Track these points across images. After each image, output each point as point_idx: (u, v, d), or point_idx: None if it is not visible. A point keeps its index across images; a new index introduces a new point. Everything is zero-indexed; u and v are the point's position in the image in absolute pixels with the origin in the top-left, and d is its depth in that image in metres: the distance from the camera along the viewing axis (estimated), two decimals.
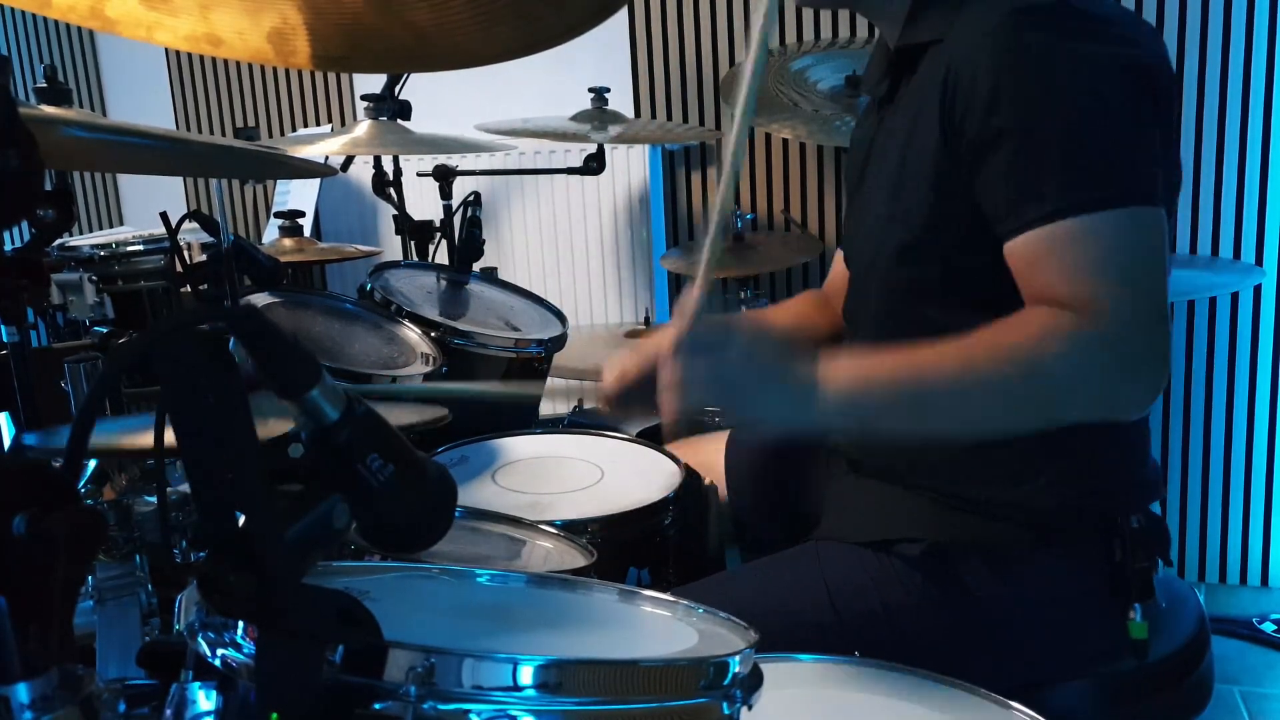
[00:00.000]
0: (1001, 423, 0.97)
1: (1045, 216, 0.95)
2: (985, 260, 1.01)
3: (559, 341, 1.90)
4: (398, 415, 1.24)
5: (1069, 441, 1.04)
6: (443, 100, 2.52)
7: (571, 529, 1.23)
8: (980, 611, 1.08)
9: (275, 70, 3.17)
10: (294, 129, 3.19)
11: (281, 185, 2.98)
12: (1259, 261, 2.42)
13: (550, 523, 1.24)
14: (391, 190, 2.29)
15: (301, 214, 2.53)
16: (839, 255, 1.43)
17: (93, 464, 1.08)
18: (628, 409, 1.17)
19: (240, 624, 0.55)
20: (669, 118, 2.80)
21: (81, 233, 3.05)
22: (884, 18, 1.15)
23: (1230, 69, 2.36)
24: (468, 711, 0.55)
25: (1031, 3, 0.98)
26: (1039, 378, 0.93)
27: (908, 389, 0.96)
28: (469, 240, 2.04)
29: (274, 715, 0.51)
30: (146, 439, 0.68)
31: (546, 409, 2.38)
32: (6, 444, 1.42)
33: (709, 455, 1.51)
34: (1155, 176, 0.97)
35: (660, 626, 0.76)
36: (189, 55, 3.19)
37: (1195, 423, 2.53)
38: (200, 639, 0.56)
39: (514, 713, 0.55)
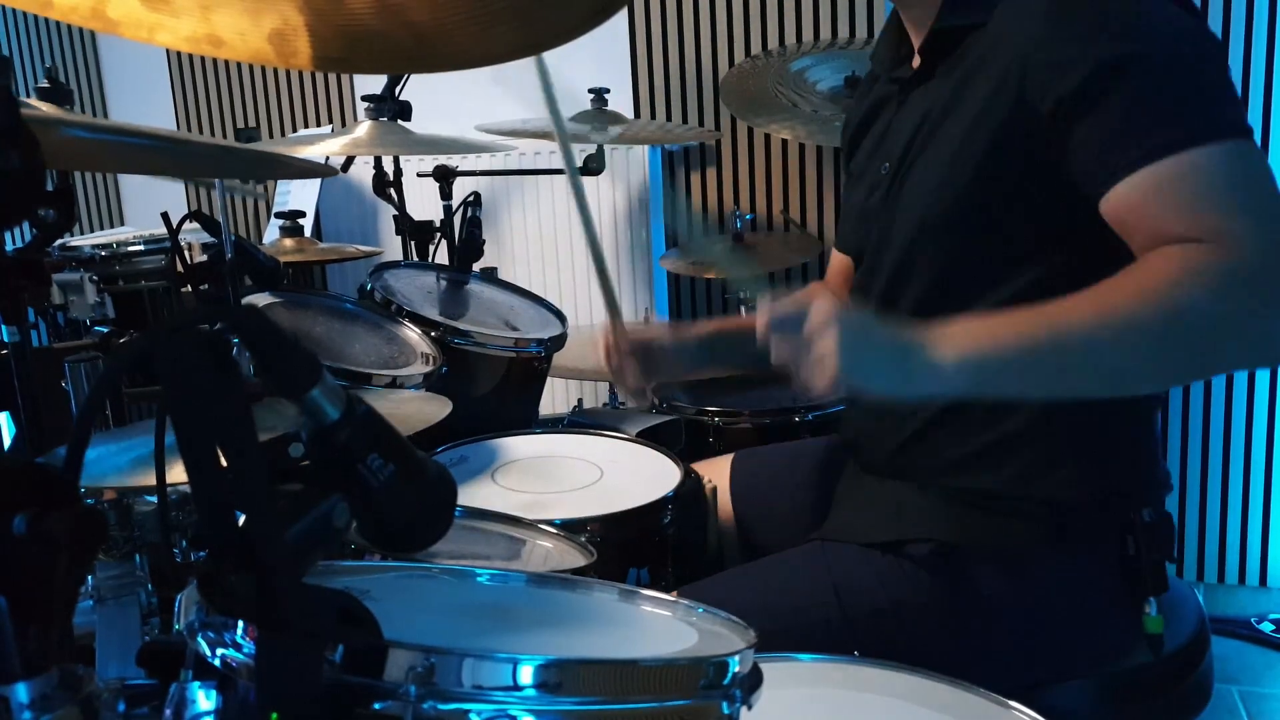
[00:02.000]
0: (1151, 374, 0.91)
1: (1153, 151, 0.90)
2: (1035, 241, 1.01)
3: (559, 341, 1.90)
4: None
5: (1087, 435, 1.03)
6: (443, 101, 2.52)
7: (571, 529, 1.24)
8: (990, 610, 1.08)
9: (276, 71, 3.17)
10: (294, 129, 3.19)
11: (282, 186, 2.98)
12: None
13: (550, 522, 1.24)
14: (392, 190, 2.29)
15: (302, 214, 2.53)
16: (836, 254, 1.42)
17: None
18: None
19: (240, 624, 0.55)
20: (669, 118, 2.80)
21: (82, 233, 3.05)
22: (915, 3, 1.15)
23: (1230, 70, 2.36)
24: (468, 711, 0.55)
25: None
26: (1187, 318, 0.86)
27: (1044, 344, 0.89)
28: (469, 240, 2.04)
29: (274, 715, 0.51)
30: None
31: (546, 409, 2.38)
32: (7, 444, 1.42)
33: (713, 460, 1.51)
34: (1244, 110, 0.95)
35: (660, 626, 0.76)
36: (190, 56, 3.20)
37: (1194, 422, 2.53)
38: (200, 639, 0.56)
39: (514, 712, 0.55)
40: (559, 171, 2.49)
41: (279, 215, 2.52)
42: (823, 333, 0.88)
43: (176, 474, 0.54)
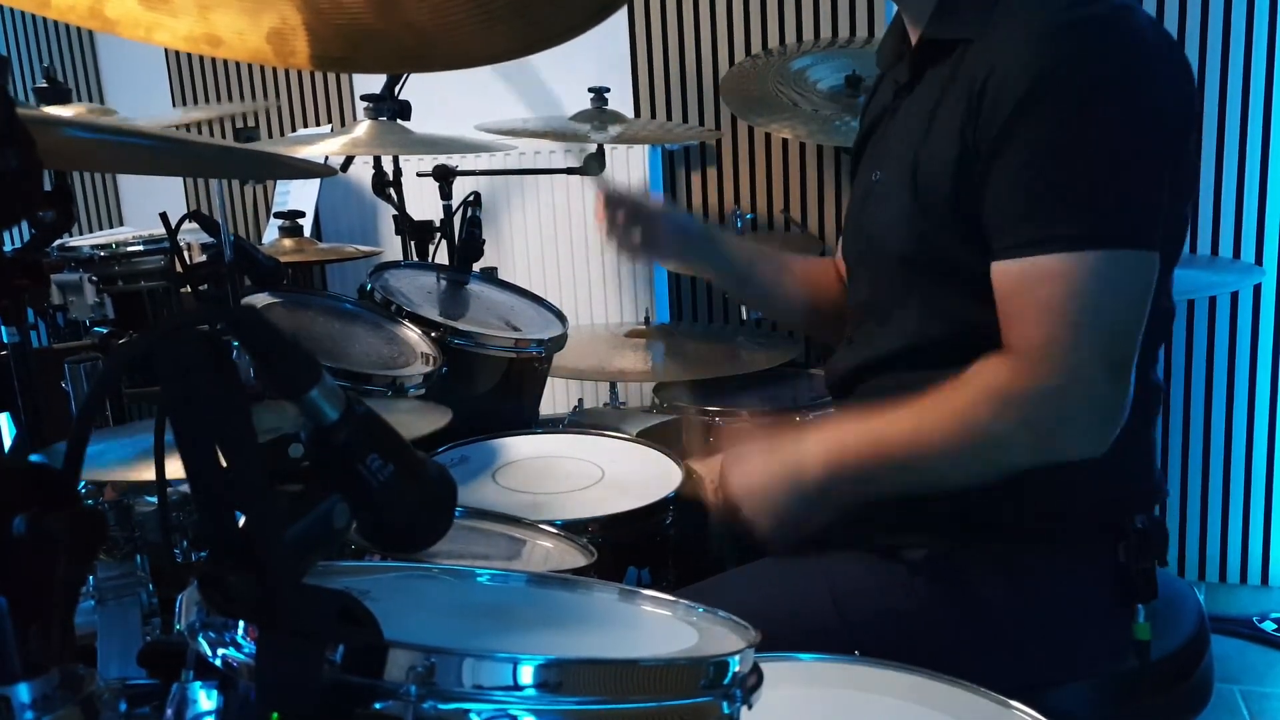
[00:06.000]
0: (958, 480, 1.03)
1: (1032, 243, 0.95)
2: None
3: (559, 341, 1.90)
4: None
5: None
6: (442, 100, 2.52)
7: (571, 529, 1.24)
8: (985, 615, 1.08)
9: (275, 71, 3.17)
10: (294, 129, 3.19)
11: (281, 186, 2.98)
12: (1259, 261, 2.42)
13: (550, 522, 1.24)
14: (391, 190, 2.29)
15: (301, 214, 2.53)
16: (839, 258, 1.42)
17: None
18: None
19: (240, 624, 0.55)
20: (669, 118, 2.80)
21: (81, 233, 3.05)
22: (912, 4, 1.14)
23: (1230, 69, 2.36)
24: (468, 711, 0.55)
25: (1067, 19, 0.96)
26: (977, 440, 0.99)
27: (873, 461, 1.04)
28: (469, 240, 2.04)
29: (274, 715, 0.51)
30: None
31: (546, 409, 2.38)
32: (7, 444, 1.42)
33: (713, 460, 1.51)
34: (1155, 222, 0.96)
35: (660, 626, 0.76)
36: (188, 56, 3.20)
37: (1195, 422, 2.53)
38: (201, 639, 0.56)
39: (514, 712, 0.55)
40: (559, 171, 2.49)
41: (278, 215, 2.52)
42: (737, 513, 1.08)
43: (176, 473, 0.54)
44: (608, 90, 2.31)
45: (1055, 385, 0.95)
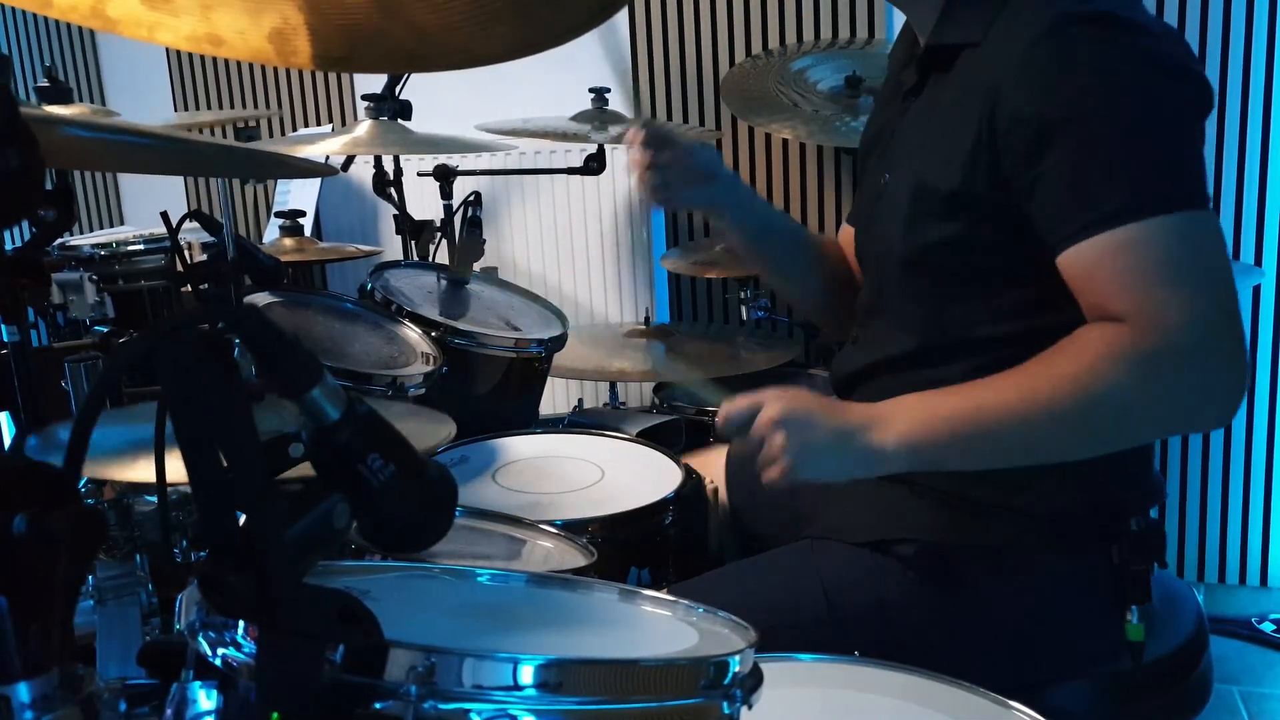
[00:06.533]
0: (1075, 452, 0.97)
1: (1101, 221, 0.92)
2: (1006, 263, 1.02)
3: (559, 341, 1.90)
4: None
5: None
6: (443, 100, 2.51)
7: (571, 529, 1.24)
8: (976, 611, 1.08)
9: (276, 70, 3.17)
10: (294, 129, 3.19)
11: (282, 185, 2.98)
12: (1258, 262, 2.42)
13: (550, 523, 1.24)
14: (392, 190, 2.29)
15: (302, 214, 2.53)
16: (845, 228, 1.41)
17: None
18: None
19: (240, 624, 0.55)
20: (669, 118, 2.79)
21: (82, 232, 3.05)
22: (916, 10, 1.15)
23: (1230, 69, 2.36)
24: (468, 711, 0.55)
25: (1077, 11, 0.97)
26: (1105, 406, 0.92)
27: (973, 430, 0.96)
28: (469, 240, 2.04)
29: (274, 715, 0.51)
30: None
31: (546, 409, 2.38)
32: (7, 444, 1.42)
33: (712, 458, 1.51)
34: (1203, 180, 0.96)
35: (660, 626, 0.76)
36: (190, 55, 3.20)
37: None
38: (201, 638, 0.56)
39: (514, 712, 0.55)
40: (559, 171, 2.49)
41: (279, 215, 2.52)
42: (771, 432, 0.98)
43: (176, 465, 0.54)
44: (608, 90, 2.30)
45: (1178, 343, 0.89)
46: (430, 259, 2.25)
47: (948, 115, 1.05)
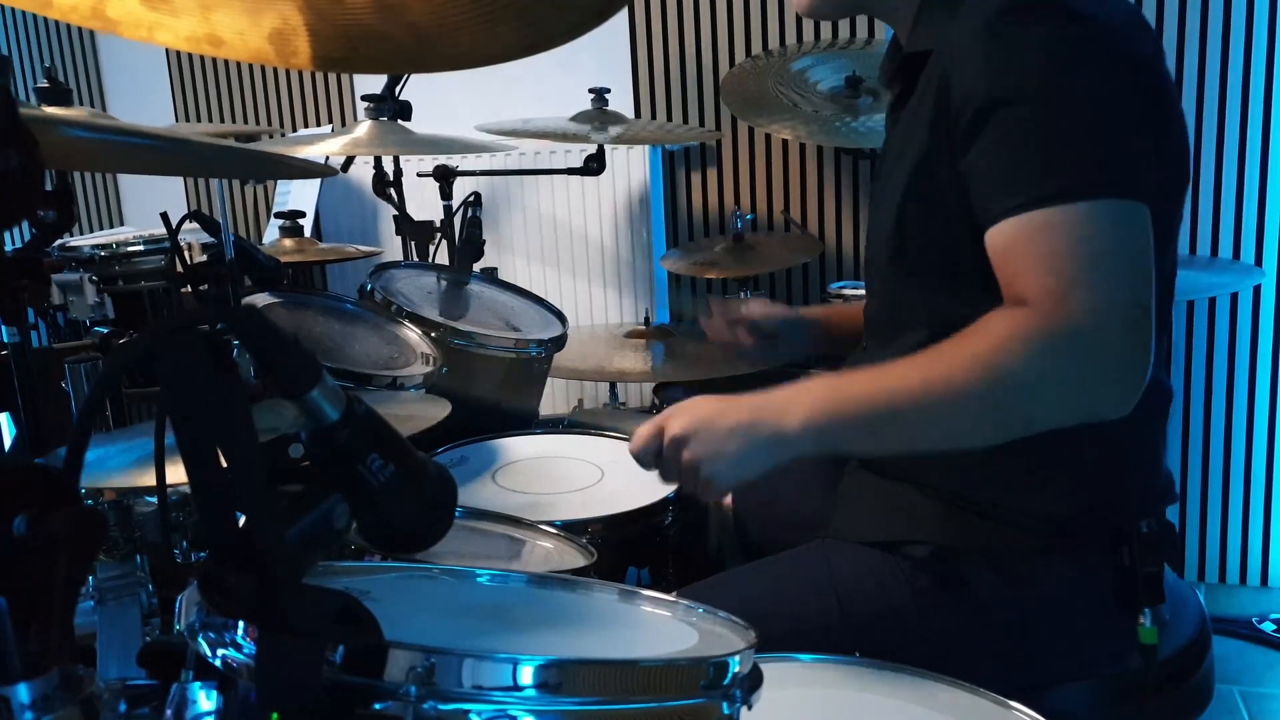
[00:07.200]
0: (977, 435, 0.96)
1: (1021, 205, 0.93)
2: (980, 275, 1.01)
3: (559, 341, 1.90)
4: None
5: (1082, 450, 1.03)
6: (443, 101, 2.52)
7: (571, 529, 1.24)
8: (987, 614, 1.08)
9: (276, 71, 3.17)
10: (294, 129, 3.19)
11: (282, 186, 2.98)
12: (1258, 262, 2.42)
13: (550, 523, 1.24)
14: (392, 190, 2.29)
15: (302, 214, 2.53)
16: None
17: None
18: None
19: (240, 624, 0.55)
20: (669, 118, 2.80)
21: (82, 233, 3.05)
22: (895, 22, 1.17)
23: (1230, 69, 2.36)
24: (468, 711, 0.55)
25: (1023, 1, 0.97)
26: (1003, 386, 0.92)
27: (873, 411, 0.96)
28: (469, 240, 2.04)
29: (274, 715, 0.51)
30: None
31: (546, 409, 2.38)
32: (7, 444, 1.42)
33: None
34: (1141, 172, 0.95)
35: (660, 626, 0.76)
36: (189, 56, 3.20)
37: (1195, 423, 2.53)
38: (201, 639, 0.56)
39: (514, 713, 0.55)
40: (559, 171, 2.49)
41: (279, 215, 2.52)
42: (677, 452, 0.99)
43: (177, 474, 0.54)
44: (608, 91, 2.31)
45: (1080, 326, 0.89)
46: (430, 259, 2.25)
47: (914, 125, 1.06)
